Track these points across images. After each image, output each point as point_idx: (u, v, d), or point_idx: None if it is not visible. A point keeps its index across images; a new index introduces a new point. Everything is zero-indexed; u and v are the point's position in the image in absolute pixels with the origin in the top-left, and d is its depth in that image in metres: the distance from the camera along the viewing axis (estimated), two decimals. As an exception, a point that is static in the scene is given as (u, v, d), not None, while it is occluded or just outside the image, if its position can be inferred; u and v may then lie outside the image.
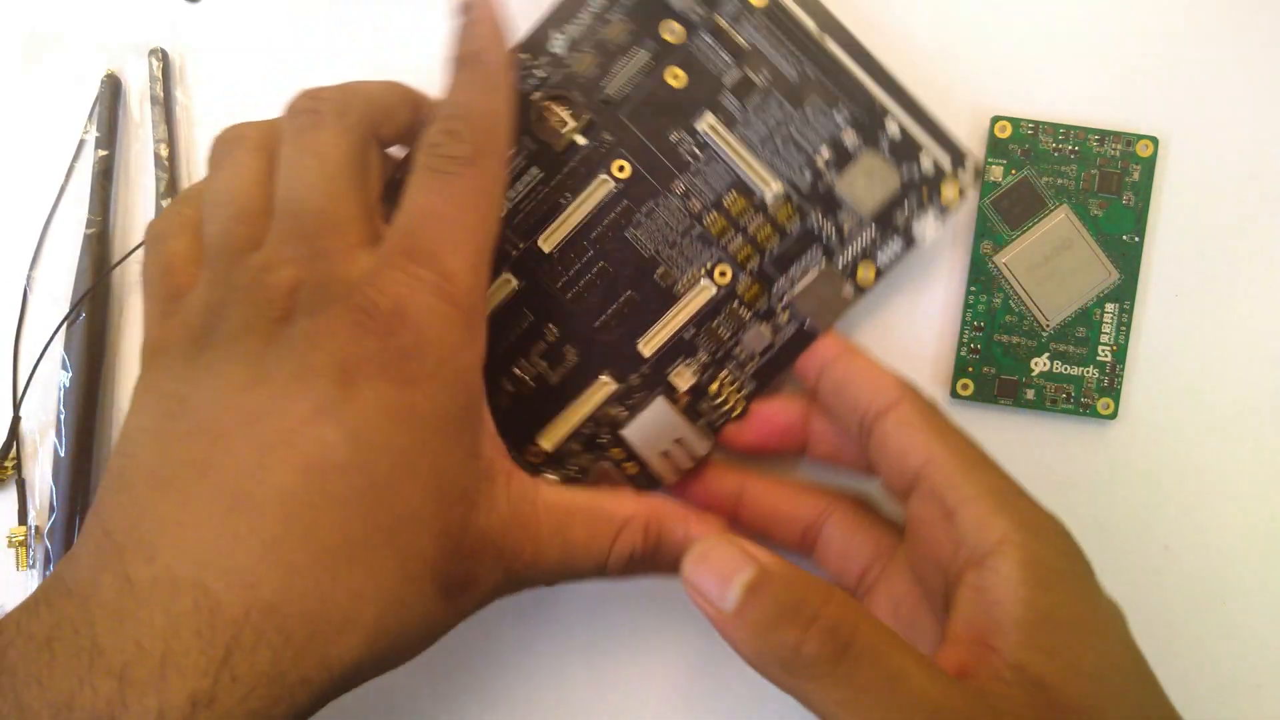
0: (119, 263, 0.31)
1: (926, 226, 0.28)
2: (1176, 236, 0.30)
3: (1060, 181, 0.30)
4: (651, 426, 0.29)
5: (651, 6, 0.28)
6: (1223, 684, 0.30)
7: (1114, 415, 0.30)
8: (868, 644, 0.21)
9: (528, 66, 0.28)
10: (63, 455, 0.31)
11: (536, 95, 0.28)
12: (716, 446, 0.29)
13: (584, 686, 0.31)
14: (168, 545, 0.20)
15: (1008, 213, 0.30)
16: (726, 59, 0.28)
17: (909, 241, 0.28)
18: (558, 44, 0.28)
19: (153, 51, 0.31)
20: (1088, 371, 0.30)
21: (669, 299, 0.29)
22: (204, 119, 0.32)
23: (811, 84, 0.28)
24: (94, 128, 0.32)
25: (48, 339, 0.31)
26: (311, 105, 0.24)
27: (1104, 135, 0.29)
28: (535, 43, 0.28)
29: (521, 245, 0.29)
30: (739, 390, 0.29)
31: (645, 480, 0.29)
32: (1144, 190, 0.29)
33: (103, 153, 0.31)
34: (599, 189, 0.29)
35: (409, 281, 0.22)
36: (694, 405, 0.29)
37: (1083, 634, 0.23)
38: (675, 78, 0.29)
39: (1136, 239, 0.30)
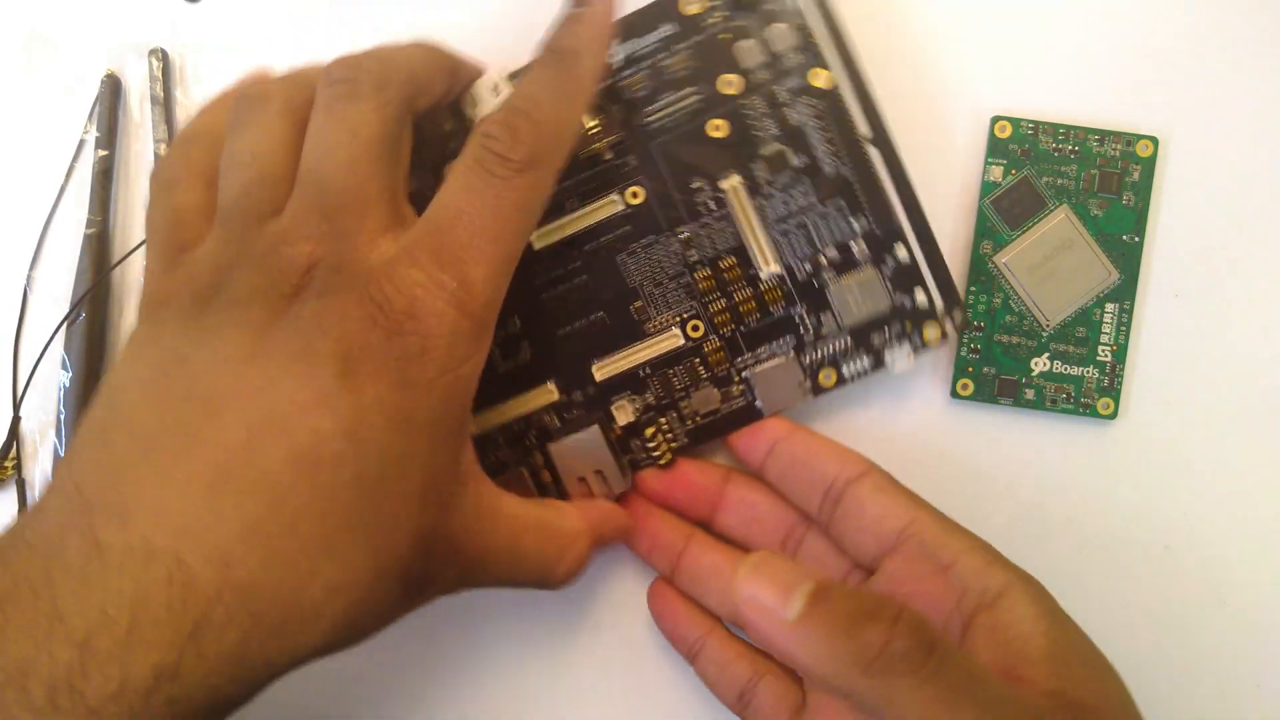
0: (119, 263, 0.31)
1: (899, 357, 0.28)
2: (1176, 236, 0.30)
3: (1060, 181, 0.30)
4: (580, 449, 0.29)
5: (720, 54, 0.28)
6: (1223, 683, 0.30)
7: (1114, 415, 0.30)
8: (947, 645, 0.20)
9: None
10: (63, 455, 0.31)
11: None
12: (630, 488, 0.29)
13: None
14: (145, 512, 0.20)
15: (1008, 213, 0.30)
16: (773, 130, 0.28)
17: (878, 363, 0.29)
18: (618, 54, 0.28)
19: (153, 51, 0.31)
20: (1088, 371, 0.30)
21: (637, 333, 0.29)
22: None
23: (842, 184, 0.28)
24: (94, 128, 0.32)
25: (48, 339, 0.31)
26: (350, 75, 0.23)
27: (1104, 135, 0.29)
28: None
29: None
30: (672, 441, 0.29)
31: (551, 494, 0.29)
32: (1144, 190, 0.29)
33: (103, 153, 0.31)
34: (607, 207, 0.29)
35: (428, 284, 0.22)
36: (625, 441, 0.29)
37: (1102, 666, 0.24)
38: (716, 129, 0.29)
39: (1136, 239, 0.30)
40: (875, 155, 0.28)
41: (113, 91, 0.32)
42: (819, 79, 0.28)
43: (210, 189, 0.24)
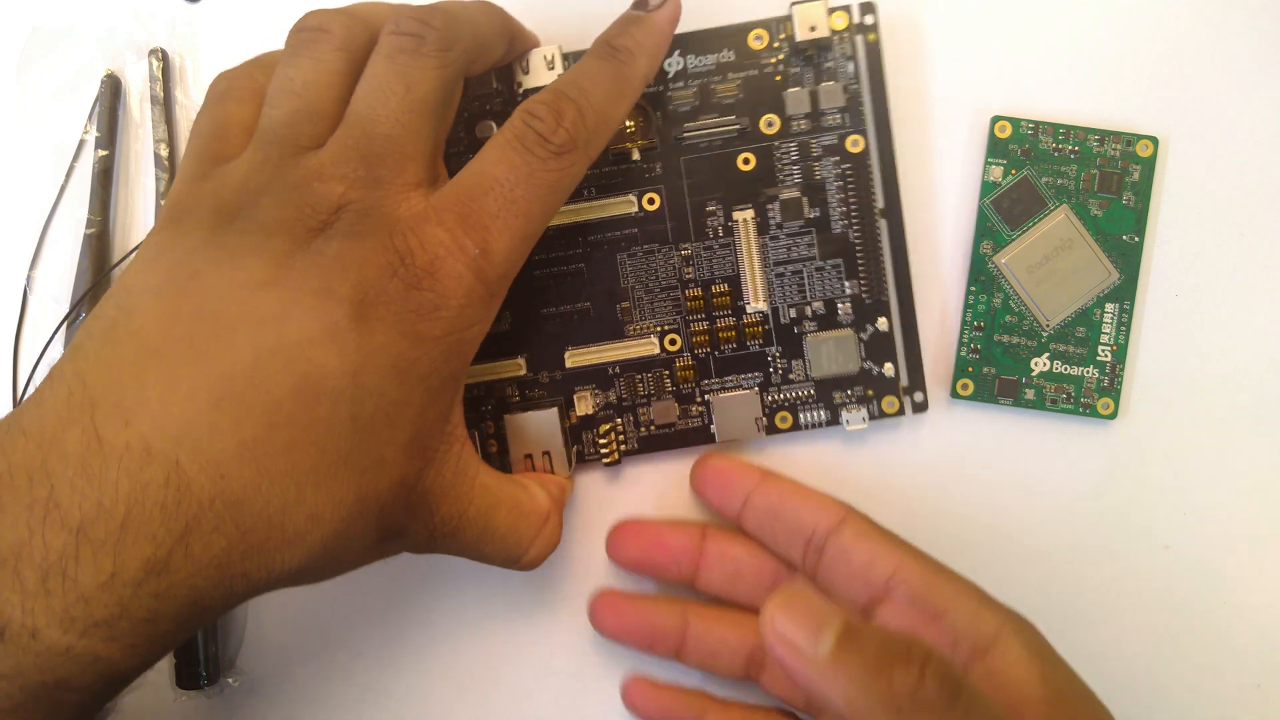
0: (119, 263, 0.31)
1: (854, 418, 0.29)
2: (1176, 236, 0.30)
3: (1060, 181, 0.30)
4: (534, 426, 0.29)
5: (769, 93, 0.29)
6: (1222, 683, 0.30)
7: (1114, 415, 0.30)
8: (973, 689, 0.21)
9: None
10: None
11: None
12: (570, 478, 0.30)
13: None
14: (147, 415, 0.20)
15: (1008, 213, 0.30)
16: (796, 178, 0.29)
17: (833, 420, 0.30)
18: (672, 65, 0.29)
19: (153, 51, 0.31)
20: (1088, 371, 0.30)
21: (616, 332, 0.30)
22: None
23: (846, 246, 0.29)
24: (94, 128, 0.32)
25: (48, 339, 0.31)
26: (419, 29, 0.23)
27: (1104, 135, 0.29)
28: None
29: None
30: (623, 444, 0.30)
31: (499, 466, 0.29)
32: (1144, 190, 0.29)
33: (103, 153, 0.31)
34: (622, 205, 0.30)
35: (451, 245, 0.22)
36: (578, 431, 0.30)
37: (1095, 703, 0.25)
38: (745, 162, 0.30)
39: (1136, 239, 0.30)
40: (884, 228, 0.29)
41: (113, 92, 0.32)
42: (855, 145, 0.29)
43: (261, 109, 0.24)
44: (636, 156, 0.30)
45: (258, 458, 0.20)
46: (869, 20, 0.29)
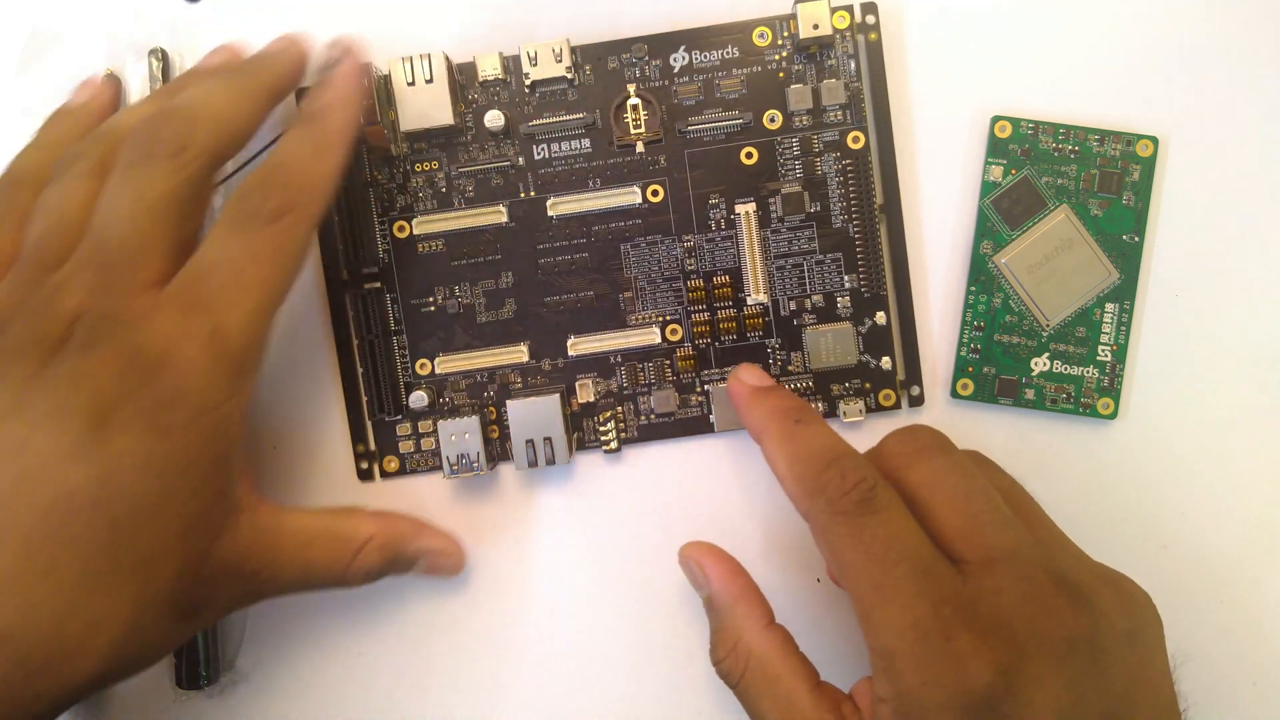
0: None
1: (851, 409, 0.30)
2: (1176, 236, 0.30)
3: (1060, 181, 0.30)
4: (536, 412, 0.29)
5: (773, 90, 0.30)
6: (1222, 682, 0.30)
7: (1114, 415, 0.30)
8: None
9: (637, 60, 0.30)
10: None
11: (632, 88, 0.30)
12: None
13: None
14: None
15: (1008, 213, 0.30)
16: (798, 173, 0.30)
17: (830, 411, 0.30)
18: (677, 60, 0.30)
19: (153, 51, 0.31)
20: (1088, 371, 0.30)
21: (619, 321, 0.30)
22: (204, 119, 0.32)
23: (844, 241, 0.30)
24: (94, 128, 0.32)
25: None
26: (146, 141, 0.24)
27: (1104, 135, 0.29)
28: (659, 44, 0.30)
29: (533, 194, 0.30)
30: (624, 432, 0.30)
31: (499, 452, 0.30)
32: (1144, 190, 0.30)
33: (102, 153, 0.31)
34: (626, 196, 0.30)
35: (179, 334, 0.23)
36: (578, 419, 0.30)
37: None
38: (748, 156, 0.30)
39: (1136, 239, 0.30)
40: (883, 224, 0.30)
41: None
42: (856, 141, 0.30)
43: (22, 230, 0.25)
44: (641, 149, 0.30)
45: (19, 589, 0.21)
46: (870, 20, 0.30)
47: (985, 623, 0.21)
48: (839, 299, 0.30)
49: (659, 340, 0.30)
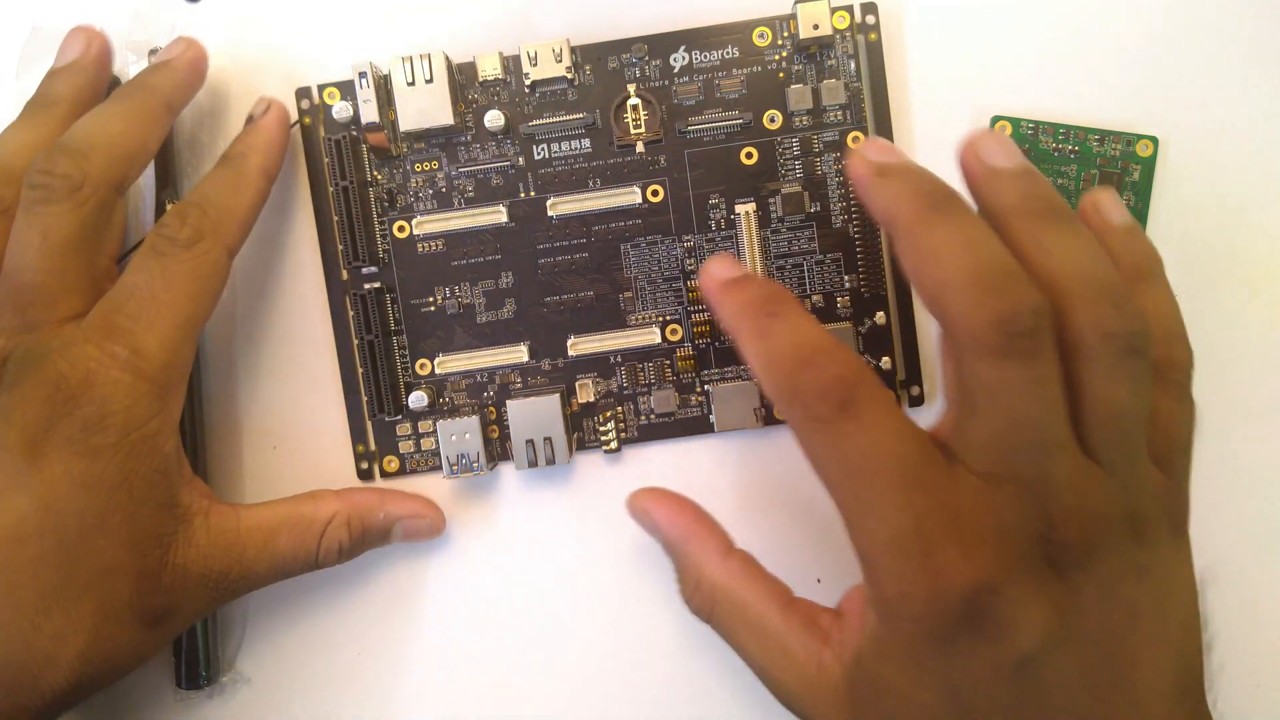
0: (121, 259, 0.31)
1: None
2: (1176, 236, 0.30)
3: (1060, 181, 0.30)
4: (536, 412, 0.30)
5: (773, 90, 0.30)
6: (1224, 683, 0.30)
7: (1114, 415, 0.30)
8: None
9: (637, 60, 0.30)
10: None
11: (632, 88, 0.30)
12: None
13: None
14: None
15: (1008, 213, 0.30)
16: (798, 173, 0.30)
17: None
18: (677, 60, 0.30)
19: (153, 51, 0.31)
20: (1088, 371, 0.30)
21: (618, 321, 0.30)
22: (204, 119, 0.32)
23: (844, 241, 0.30)
24: (94, 128, 0.32)
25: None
26: (44, 180, 0.25)
27: (1104, 135, 0.29)
28: (659, 44, 0.30)
29: (533, 194, 0.30)
30: (624, 432, 0.30)
31: (499, 452, 0.30)
32: (1144, 190, 0.30)
33: (102, 153, 0.31)
34: (626, 196, 0.30)
35: (100, 357, 0.24)
36: (578, 419, 0.30)
37: None
38: (749, 156, 0.30)
39: (1136, 239, 0.30)
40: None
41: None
42: (856, 141, 0.30)
43: None
44: (641, 149, 0.30)
45: None
46: (870, 20, 0.30)
47: (970, 537, 0.20)
48: (839, 299, 0.30)
49: (659, 340, 0.30)
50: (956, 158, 0.23)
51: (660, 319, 0.30)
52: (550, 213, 0.30)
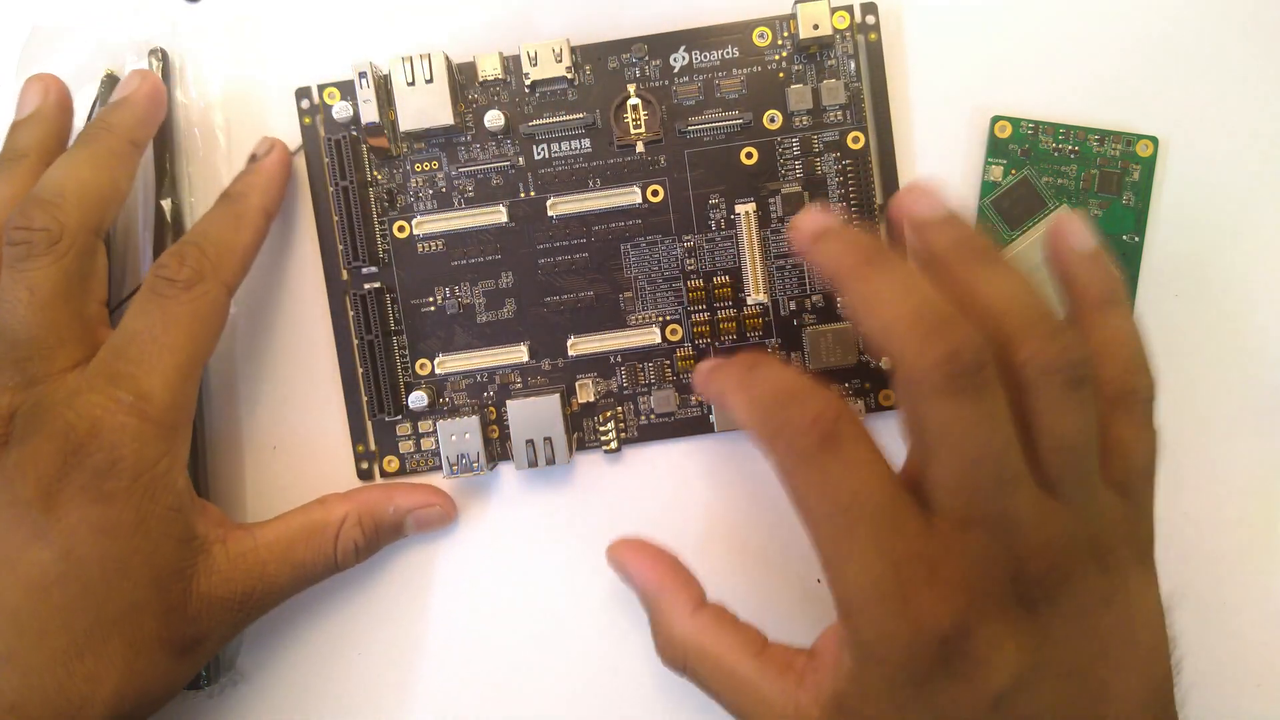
0: (119, 263, 0.31)
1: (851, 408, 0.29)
2: (1176, 236, 0.30)
3: (1060, 181, 0.30)
4: (536, 412, 0.30)
5: (773, 90, 0.30)
6: (1222, 683, 0.30)
7: (1114, 415, 0.30)
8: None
9: (637, 60, 0.30)
10: None
11: (632, 88, 0.30)
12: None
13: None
14: None
15: (1008, 213, 0.30)
16: (798, 173, 0.30)
17: None
18: (677, 60, 0.30)
19: (153, 51, 0.31)
20: (1088, 371, 0.30)
21: (619, 321, 0.30)
22: (204, 119, 0.32)
23: None
24: (93, 128, 0.32)
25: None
26: (24, 236, 0.25)
27: (1104, 135, 0.29)
28: (659, 44, 0.30)
29: (533, 194, 0.30)
30: (624, 432, 0.30)
31: (499, 452, 0.30)
32: (1144, 190, 0.30)
33: (102, 153, 0.31)
34: (626, 196, 0.30)
35: (105, 403, 0.25)
36: (578, 419, 0.30)
37: None
38: (748, 156, 0.30)
39: (1136, 239, 0.30)
40: (883, 222, 0.30)
41: (112, 92, 0.31)
42: (855, 141, 0.30)
43: None
44: (641, 149, 0.30)
45: (17, 664, 0.24)
46: (870, 20, 0.30)
47: (944, 581, 0.21)
48: (839, 299, 0.30)
49: (659, 340, 0.30)
50: (889, 215, 0.24)
51: (660, 319, 0.30)
52: (550, 213, 0.30)
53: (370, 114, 0.29)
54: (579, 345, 0.30)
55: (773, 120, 0.30)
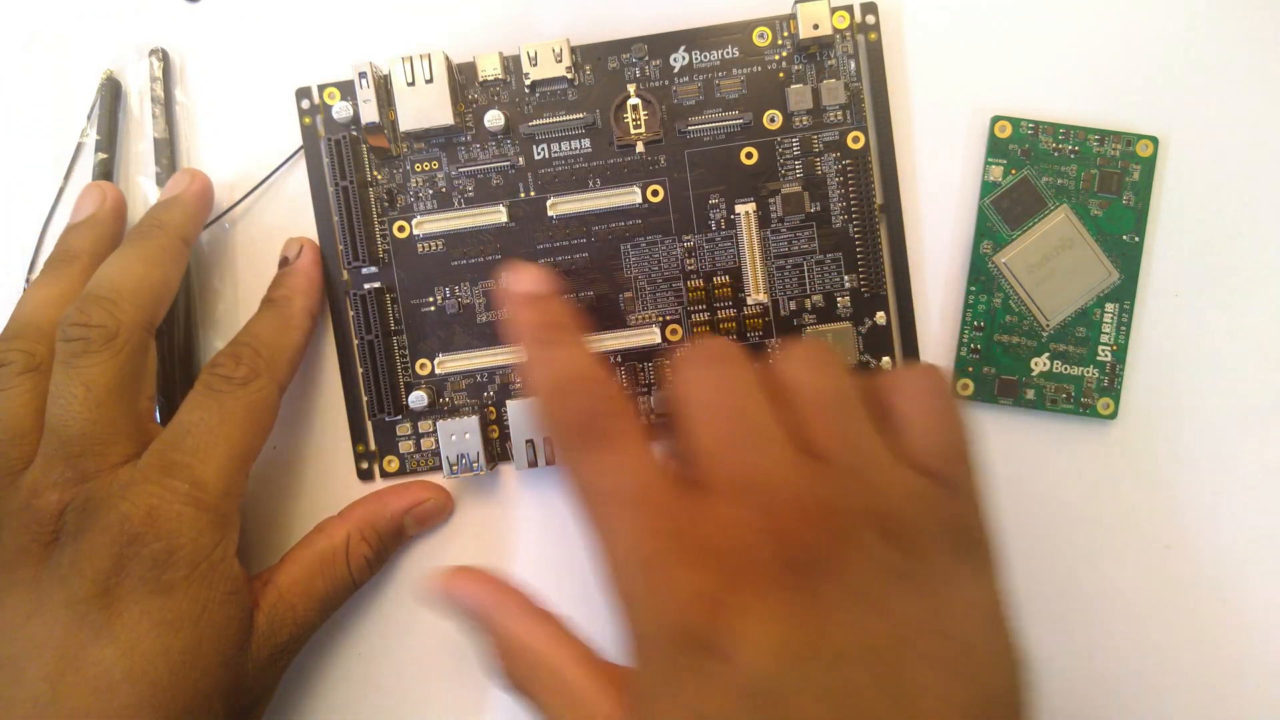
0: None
1: None
2: (1176, 236, 0.30)
3: (1060, 181, 0.30)
4: (536, 412, 0.29)
5: (772, 90, 0.30)
6: (1223, 683, 0.30)
7: (1114, 415, 0.30)
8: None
9: (637, 60, 0.30)
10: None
11: (632, 88, 0.30)
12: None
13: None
14: None
15: (1008, 212, 0.30)
16: (798, 173, 0.30)
17: None
18: (677, 60, 0.30)
19: (153, 51, 0.31)
20: (1088, 371, 0.30)
21: (618, 321, 0.30)
22: (204, 119, 0.32)
23: (844, 241, 0.30)
24: (93, 130, 0.32)
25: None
26: (81, 333, 0.26)
27: (1104, 135, 0.29)
28: (659, 44, 0.30)
29: (533, 194, 0.30)
30: None
31: (499, 452, 0.31)
32: (1144, 190, 0.30)
33: (103, 155, 0.31)
34: (626, 196, 0.30)
35: (161, 492, 0.25)
36: None
37: None
38: (748, 156, 0.30)
39: (1136, 239, 0.30)
40: (883, 224, 0.30)
41: (113, 94, 0.32)
42: (855, 141, 0.30)
43: None
44: (641, 149, 0.30)
45: None
46: (870, 20, 0.30)
47: (700, 554, 0.20)
48: (839, 299, 0.30)
49: (659, 340, 0.30)
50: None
51: (660, 319, 0.30)
52: (550, 213, 0.30)
53: (370, 114, 0.29)
54: None
55: (773, 120, 0.30)
